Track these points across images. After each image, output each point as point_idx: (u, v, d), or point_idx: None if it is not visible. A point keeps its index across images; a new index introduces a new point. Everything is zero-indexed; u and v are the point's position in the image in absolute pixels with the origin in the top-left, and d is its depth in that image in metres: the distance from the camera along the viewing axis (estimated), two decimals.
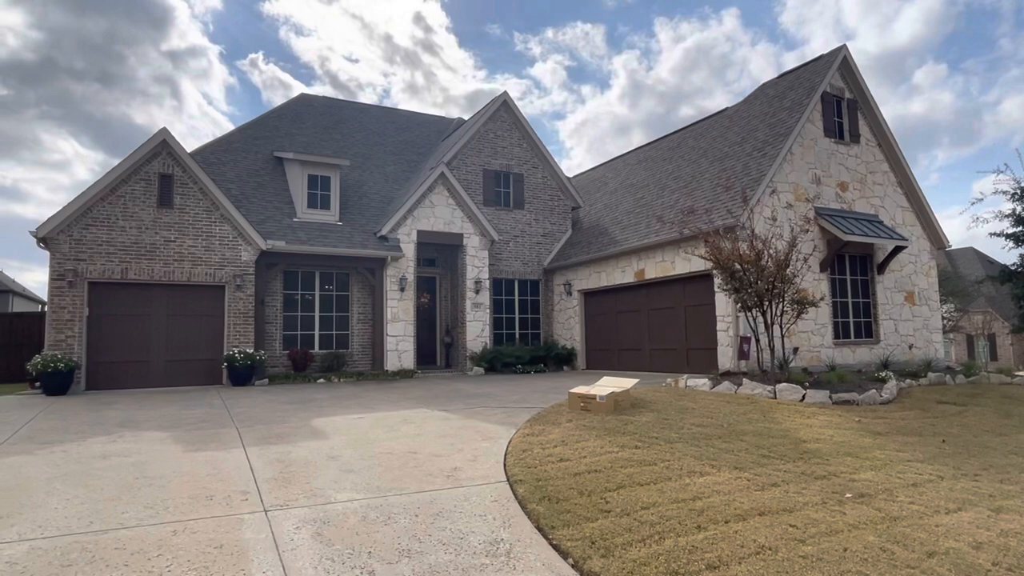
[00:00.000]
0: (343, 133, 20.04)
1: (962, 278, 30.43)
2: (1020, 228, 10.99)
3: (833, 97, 14.18)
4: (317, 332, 15.53)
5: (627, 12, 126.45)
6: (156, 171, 13.06)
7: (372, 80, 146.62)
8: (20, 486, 4.76)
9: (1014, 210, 10.99)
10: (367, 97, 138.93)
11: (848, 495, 4.66)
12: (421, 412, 8.48)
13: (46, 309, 12.47)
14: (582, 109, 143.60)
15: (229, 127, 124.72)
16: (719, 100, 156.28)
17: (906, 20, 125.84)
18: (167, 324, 13.07)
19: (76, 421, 8.11)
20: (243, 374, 12.91)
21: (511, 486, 4.76)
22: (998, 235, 11.48)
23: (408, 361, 15.32)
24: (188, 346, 13.15)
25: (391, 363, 15.10)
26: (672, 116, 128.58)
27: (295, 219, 15.36)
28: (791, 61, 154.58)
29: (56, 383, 11.39)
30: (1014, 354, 34.94)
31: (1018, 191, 10.88)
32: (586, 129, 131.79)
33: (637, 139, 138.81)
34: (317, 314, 15.59)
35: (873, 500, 4.58)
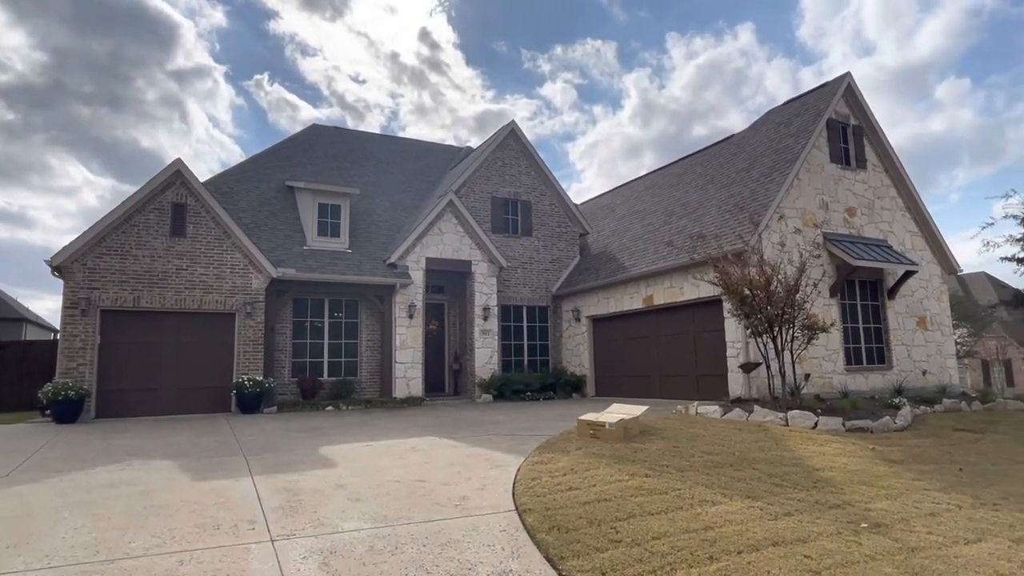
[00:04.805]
0: (353, 162, 20.33)
1: (975, 303, 30.14)
2: None
3: (839, 123, 14.27)
4: (326, 359, 15.54)
5: (639, 27, 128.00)
6: (170, 200, 13.28)
7: (380, 101, 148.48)
8: (28, 515, 4.76)
9: None
10: (375, 118, 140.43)
11: (864, 525, 4.56)
12: (429, 440, 8.43)
13: (58, 337, 12.59)
14: (593, 130, 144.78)
15: (236, 150, 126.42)
16: (733, 119, 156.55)
17: (927, 33, 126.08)
18: (177, 352, 13.14)
19: (85, 449, 8.12)
20: (252, 401, 12.91)
21: (520, 515, 4.70)
22: (1010, 259, 11.38)
23: (416, 388, 15.27)
24: (198, 373, 13.19)
25: (399, 390, 15.06)
26: (685, 136, 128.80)
27: (305, 247, 15.51)
28: (808, 76, 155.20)
29: (66, 411, 11.43)
30: None
31: None
32: (597, 150, 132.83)
33: (649, 160, 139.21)
34: (326, 341, 15.63)
35: (890, 530, 4.48)
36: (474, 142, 23.63)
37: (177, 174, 13.33)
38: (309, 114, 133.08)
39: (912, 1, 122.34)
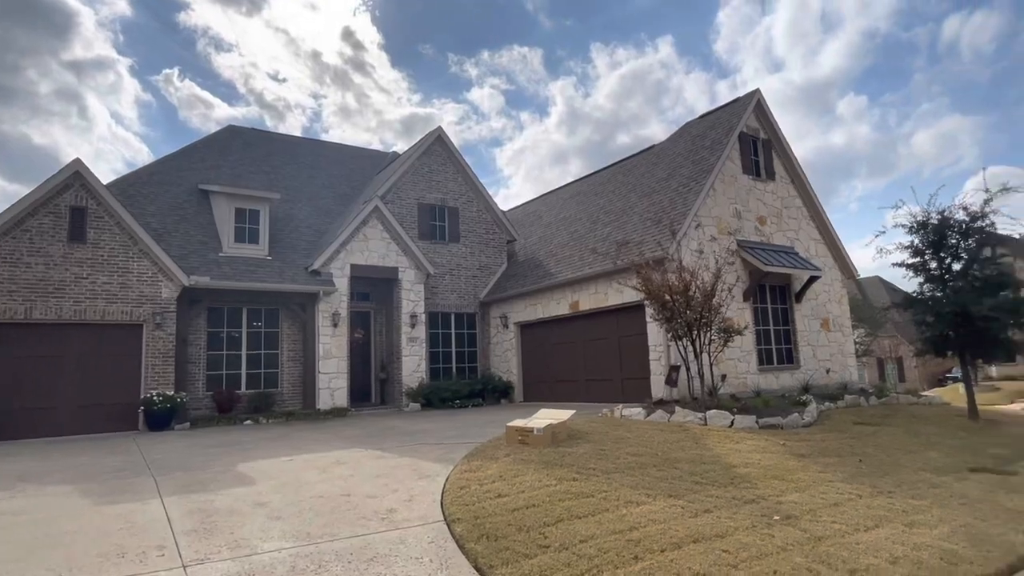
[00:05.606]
0: (273, 165, 19.61)
1: (871, 305, 32.62)
2: (918, 259, 11.89)
3: (750, 137, 15.10)
4: (244, 371, 14.85)
5: (564, 36, 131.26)
6: (67, 204, 12.32)
7: (301, 101, 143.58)
8: None
9: (912, 242, 11.92)
10: (296, 119, 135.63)
11: (776, 517, 4.82)
12: (355, 452, 8.22)
13: None
14: (520, 136, 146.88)
15: (143, 150, 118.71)
16: (654, 128, 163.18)
17: (829, 52, 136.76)
18: (78, 367, 12.18)
19: None
20: (162, 418, 12.15)
21: (448, 525, 4.66)
22: (899, 265, 12.39)
23: (341, 399, 14.86)
24: (101, 390, 12.27)
25: (323, 401, 14.60)
26: (610, 144, 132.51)
27: (221, 254, 14.79)
28: (723, 89, 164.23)
29: None
30: (919, 375, 37.53)
31: (914, 224, 11.83)
32: (524, 156, 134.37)
33: (575, 167, 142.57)
34: (244, 352, 14.94)
35: (799, 521, 4.76)
36: (401, 146, 23.43)
37: (76, 175, 12.40)
38: (224, 112, 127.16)
39: (816, 21, 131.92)
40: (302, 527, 4.65)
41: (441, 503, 5.25)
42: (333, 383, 14.85)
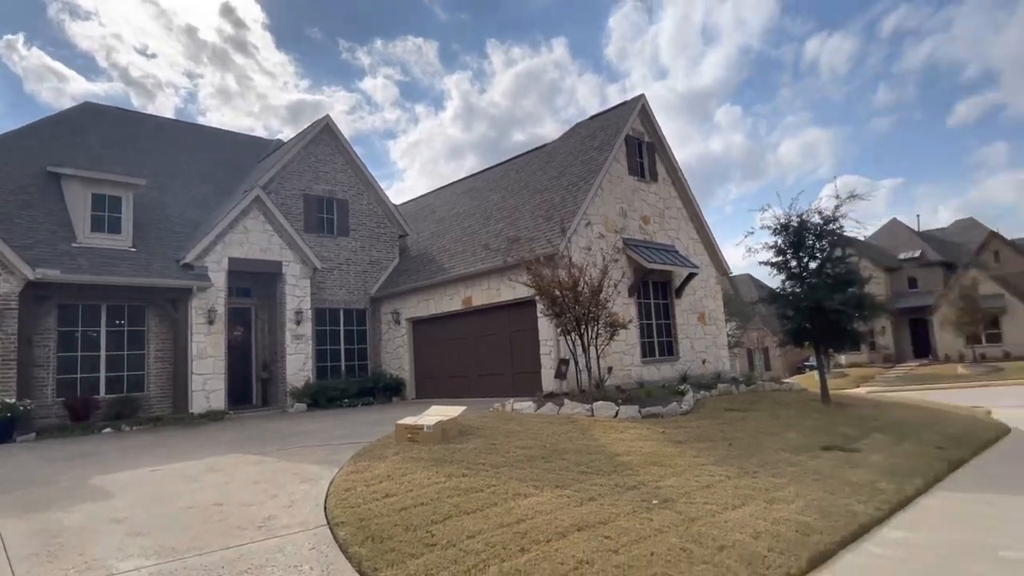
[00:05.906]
0: (140, 149, 17.90)
1: (742, 300, 35.40)
2: (780, 258, 13.01)
3: (635, 140, 15.80)
4: (103, 374, 13.43)
5: (460, 30, 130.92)
6: None
7: (174, 80, 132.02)
8: None
9: (776, 242, 13.01)
10: (168, 99, 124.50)
11: (655, 502, 5.06)
12: (231, 457, 7.69)
13: None
14: (415, 129, 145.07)
15: None
16: (549, 127, 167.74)
17: (709, 64, 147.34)
18: None
19: None
20: (0, 429, 10.73)
21: (332, 529, 4.47)
22: (765, 264, 13.48)
23: (218, 401, 13.87)
24: None
25: (197, 404, 13.56)
26: (505, 141, 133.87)
27: (75, 244, 13.28)
28: (613, 92, 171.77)
29: None
30: (782, 364, 41.25)
31: (778, 227, 12.93)
32: (419, 150, 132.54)
33: (470, 163, 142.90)
34: (103, 353, 13.51)
35: (675, 504, 5.02)
36: (287, 133, 22.32)
37: None
38: (82, 87, 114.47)
39: (698, 34, 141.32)
40: (167, 542, 4.27)
41: (325, 507, 5.03)
42: (208, 384, 13.84)
